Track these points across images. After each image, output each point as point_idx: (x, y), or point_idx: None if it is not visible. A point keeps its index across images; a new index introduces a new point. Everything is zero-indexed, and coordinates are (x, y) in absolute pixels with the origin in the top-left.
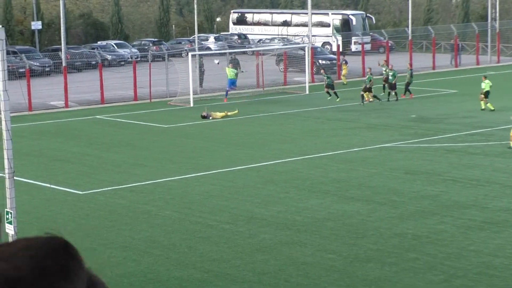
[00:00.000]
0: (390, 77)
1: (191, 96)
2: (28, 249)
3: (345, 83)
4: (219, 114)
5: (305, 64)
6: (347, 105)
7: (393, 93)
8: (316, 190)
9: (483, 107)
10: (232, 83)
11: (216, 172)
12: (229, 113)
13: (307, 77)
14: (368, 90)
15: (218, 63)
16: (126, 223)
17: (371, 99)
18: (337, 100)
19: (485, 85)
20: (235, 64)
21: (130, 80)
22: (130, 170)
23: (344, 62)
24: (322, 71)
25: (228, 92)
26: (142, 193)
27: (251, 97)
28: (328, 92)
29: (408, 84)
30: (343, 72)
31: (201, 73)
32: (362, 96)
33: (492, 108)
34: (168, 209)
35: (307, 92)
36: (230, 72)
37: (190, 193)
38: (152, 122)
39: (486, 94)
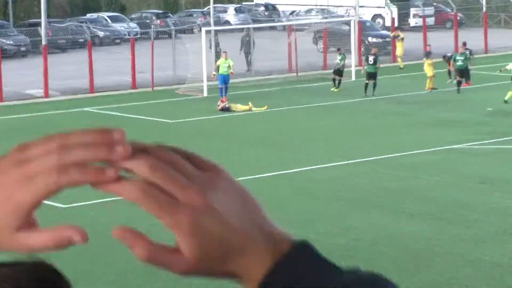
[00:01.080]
0: (461, 62)
1: (205, 83)
2: (10, 280)
3: (401, 67)
4: (241, 107)
5: (350, 43)
6: (405, 95)
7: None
8: (365, 205)
9: None
10: (224, 80)
11: (243, 180)
12: (254, 108)
13: (353, 59)
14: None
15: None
16: (124, 246)
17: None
18: (334, 89)
19: None
20: (247, 46)
21: (127, 63)
22: None
23: (398, 37)
24: (373, 50)
25: (223, 90)
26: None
27: (282, 85)
28: (334, 80)
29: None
30: (398, 51)
31: (217, 53)
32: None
33: None
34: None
35: (353, 79)
36: (222, 65)
37: None
38: (155, 116)
39: None
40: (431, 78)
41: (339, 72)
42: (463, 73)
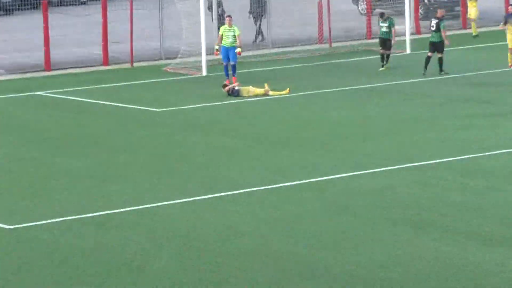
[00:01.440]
0: None
1: (204, 58)
2: None
3: (475, 34)
4: (254, 91)
5: (403, 2)
6: (481, 73)
7: None
8: (424, 226)
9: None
10: (227, 54)
11: (246, 192)
12: (272, 92)
13: (407, 24)
14: None
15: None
16: (90, 276)
17: None
18: (382, 69)
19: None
20: (258, 6)
21: (96, 29)
22: (97, 187)
23: None
24: (439, 13)
25: (228, 68)
26: (117, 228)
27: (308, 60)
28: (382, 56)
29: None
30: (471, 14)
31: (219, 16)
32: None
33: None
34: (162, 255)
35: (408, 51)
36: (225, 33)
37: (200, 229)
38: (135, 103)
39: None
40: None
41: (385, 43)
42: None
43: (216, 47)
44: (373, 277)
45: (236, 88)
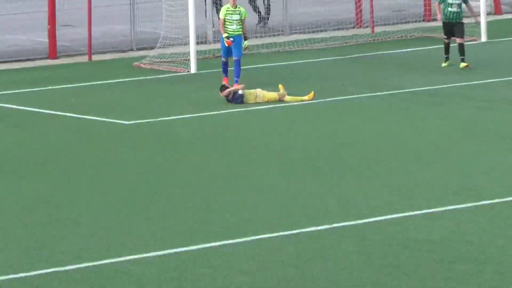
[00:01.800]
0: None
1: (193, 50)
2: None
3: None
4: (263, 96)
5: None
6: None
7: None
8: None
9: None
10: (227, 49)
11: (249, 242)
12: (288, 98)
13: (482, 1)
14: None
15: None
16: None
17: None
18: (444, 64)
19: None
20: None
21: (40, 9)
22: (39, 232)
23: None
24: None
25: (227, 65)
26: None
27: (341, 52)
28: (447, 47)
29: None
30: None
31: None
32: None
33: None
34: None
35: (484, 39)
36: (227, 17)
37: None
38: (95, 113)
39: None
40: None
41: (453, 28)
42: None
43: (225, 34)
44: None
45: (240, 92)
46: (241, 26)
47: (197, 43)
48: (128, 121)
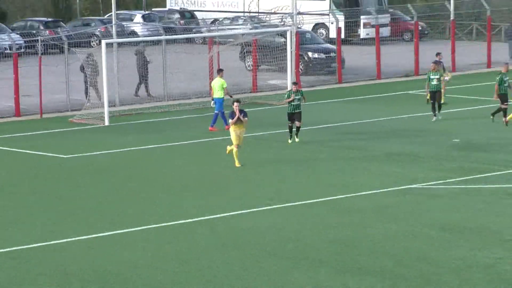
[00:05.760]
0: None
1: (106, 109)
2: None
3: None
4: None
5: (285, 59)
6: (356, 123)
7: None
8: (303, 261)
9: None
10: (221, 104)
11: (144, 230)
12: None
13: (289, 79)
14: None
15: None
16: None
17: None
18: (434, 119)
19: None
20: (141, 60)
21: (8, 83)
22: (6, 227)
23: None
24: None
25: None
26: (20, 262)
27: (201, 111)
28: (434, 107)
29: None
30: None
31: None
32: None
33: None
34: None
35: (286, 101)
36: (218, 86)
37: (98, 264)
38: (45, 150)
39: None
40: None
41: (435, 94)
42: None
43: (226, 95)
44: None
45: (239, 108)
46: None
47: (110, 105)
48: (66, 155)
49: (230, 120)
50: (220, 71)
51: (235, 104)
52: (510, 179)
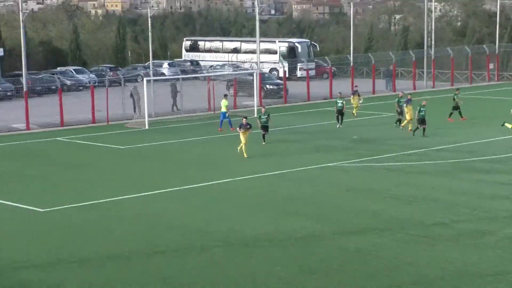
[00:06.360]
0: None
1: (146, 119)
2: None
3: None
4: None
5: (253, 89)
6: (295, 127)
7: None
8: (267, 208)
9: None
10: (224, 114)
11: (170, 191)
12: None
13: (255, 101)
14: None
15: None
16: (84, 238)
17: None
18: (337, 126)
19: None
20: (174, 90)
21: (88, 103)
22: (89, 188)
23: (408, 101)
24: (400, 94)
25: (229, 123)
26: (100, 211)
27: (203, 119)
28: (337, 117)
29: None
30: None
31: (137, 99)
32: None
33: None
34: (123, 225)
35: (255, 115)
36: (223, 104)
37: (144, 211)
38: (109, 143)
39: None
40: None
41: (341, 112)
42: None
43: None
44: (235, 236)
45: (245, 122)
46: (226, 107)
47: (150, 117)
48: (123, 146)
49: (238, 129)
50: (225, 96)
51: (244, 119)
52: (388, 160)
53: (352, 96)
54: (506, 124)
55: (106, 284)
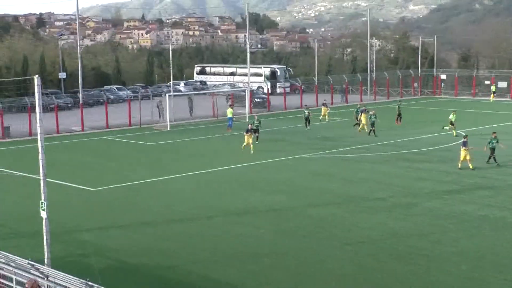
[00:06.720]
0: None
1: (168, 123)
2: None
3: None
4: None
5: (245, 101)
6: (276, 129)
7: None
8: (250, 187)
9: (454, 134)
10: (230, 119)
11: (185, 175)
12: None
13: (247, 109)
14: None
15: None
16: (125, 210)
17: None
18: (306, 128)
19: (453, 116)
20: (190, 103)
21: (125, 112)
22: (127, 173)
23: (363, 110)
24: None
25: (230, 125)
26: (135, 189)
27: (209, 124)
28: (305, 121)
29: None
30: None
31: (161, 109)
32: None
33: (455, 135)
34: (152, 200)
35: (247, 120)
36: (229, 112)
37: (167, 189)
38: (141, 141)
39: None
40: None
41: (307, 118)
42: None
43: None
44: (231, 208)
45: (250, 127)
46: (231, 114)
47: (171, 121)
48: (151, 143)
49: (245, 133)
50: (230, 105)
51: (250, 125)
52: (344, 152)
53: (322, 107)
54: (445, 127)
55: (140, 243)
